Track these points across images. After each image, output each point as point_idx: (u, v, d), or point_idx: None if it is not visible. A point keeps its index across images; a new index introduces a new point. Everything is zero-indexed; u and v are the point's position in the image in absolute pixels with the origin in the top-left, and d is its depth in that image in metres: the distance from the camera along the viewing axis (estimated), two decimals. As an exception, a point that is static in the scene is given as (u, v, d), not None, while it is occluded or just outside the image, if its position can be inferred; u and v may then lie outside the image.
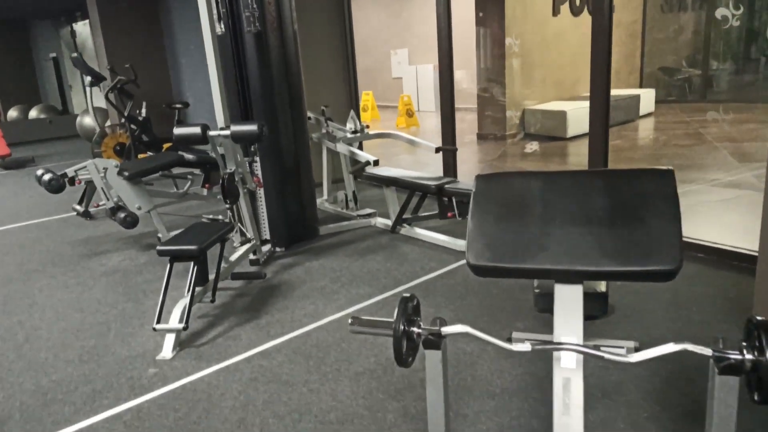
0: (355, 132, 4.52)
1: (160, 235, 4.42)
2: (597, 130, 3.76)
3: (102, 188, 4.20)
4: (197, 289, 2.99)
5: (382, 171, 4.26)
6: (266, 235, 4.03)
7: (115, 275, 3.83)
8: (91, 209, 4.92)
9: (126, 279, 3.75)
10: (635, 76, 11.05)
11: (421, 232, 4.10)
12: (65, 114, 14.45)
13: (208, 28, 3.24)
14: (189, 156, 4.37)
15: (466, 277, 3.37)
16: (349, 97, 6.02)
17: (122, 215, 4.14)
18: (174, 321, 2.78)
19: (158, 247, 2.87)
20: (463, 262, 3.62)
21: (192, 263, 2.95)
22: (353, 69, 5.99)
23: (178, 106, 7.16)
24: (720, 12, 10.25)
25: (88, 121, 10.76)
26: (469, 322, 2.73)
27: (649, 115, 9.49)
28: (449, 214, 3.73)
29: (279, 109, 3.90)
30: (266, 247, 3.99)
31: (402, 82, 12.99)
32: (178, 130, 3.34)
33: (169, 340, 2.74)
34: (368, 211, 4.61)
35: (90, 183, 4.95)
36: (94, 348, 2.83)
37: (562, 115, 7.64)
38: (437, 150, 4.29)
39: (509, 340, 1.84)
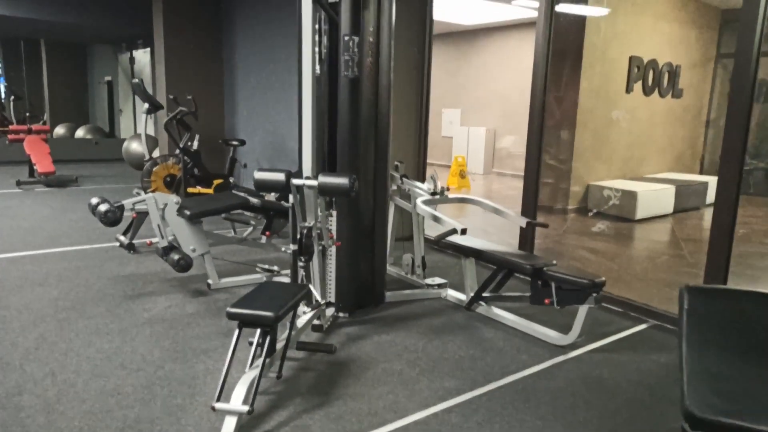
0: (434, 193, 4.13)
1: (210, 281, 4.04)
2: (723, 219, 3.32)
3: (158, 225, 3.85)
4: (264, 361, 2.55)
5: (463, 241, 3.85)
6: (330, 298, 3.60)
7: (160, 325, 3.41)
8: (137, 242, 4.56)
9: (172, 331, 3.32)
10: (697, 163, 10.65)
11: (502, 315, 3.64)
12: (111, 137, 14.47)
13: (309, 68, 2.92)
14: (254, 200, 4.02)
15: (570, 380, 2.87)
16: (418, 155, 5.69)
17: (176, 257, 3.76)
18: (237, 401, 2.33)
19: (229, 310, 2.45)
20: (562, 359, 3.14)
21: (262, 331, 2.53)
22: (425, 127, 5.68)
23: (234, 143, 6.92)
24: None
25: (135, 146, 10.64)
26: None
27: (712, 204, 8.99)
28: (546, 301, 3.26)
29: (362, 162, 3.55)
30: (329, 311, 3.56)
31: (452, 141, 12.76)
32: (259, 175, 2.98)
33: (230, 424, 2.29)
34: (438, 281, 4.17)
35: (139, 215, 4.63)
36: (137, 422, 2.38)
37: (632, 196, 7.20)
38: (528, 224, 3.87)
39: None
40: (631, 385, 2.85)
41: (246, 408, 2.30)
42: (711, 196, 8.93)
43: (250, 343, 3.03)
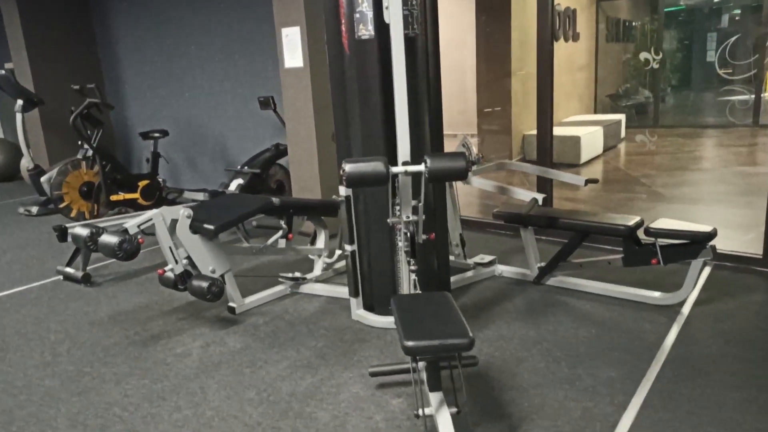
0: (472, 163, 3.73)
1: (233, 304, 3.33)
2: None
3: (170, 247, 3.03)
4: (434, 394, 2.05)
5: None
6: (406, 300, 3.09)
7: (218, 372, 2.69)
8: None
9: (242, 377, 2.63)
10: (592, 103, 11.24)
11: (583, 283, 3.39)
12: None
13: (400, 36, 2.35)
14: (276, 199, 3.31)
15: (710, 341, 2.70)
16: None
17: (205, 284, 2.99)
18: (453, 458, 1.82)
19: (408, 344, 1.88)
20: (682, 320, 2.95)
21: (435, 362, 2.01)
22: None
23: (156, 134, 5.87)
24: (642, 55, 10.76)
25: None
26: None
27: (622, 140, 9.56)
28: (653, 261, 3.05)
29: (422, 134, 3.04)
30: (409, 316, 3.06)
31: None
32: (351, 167, 2.37)
33: (457, 490, 1.78)
34: (487, 258, 3.81)
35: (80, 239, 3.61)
36: None
37: (575, 141, 7.33)
38: (586, 182, 3.62)
39: None
40: (764, 333, 2.75)
41: (472, 464, 1.81)
42: (623, 133, 9.49)
43: (372, 375, 2.49)
